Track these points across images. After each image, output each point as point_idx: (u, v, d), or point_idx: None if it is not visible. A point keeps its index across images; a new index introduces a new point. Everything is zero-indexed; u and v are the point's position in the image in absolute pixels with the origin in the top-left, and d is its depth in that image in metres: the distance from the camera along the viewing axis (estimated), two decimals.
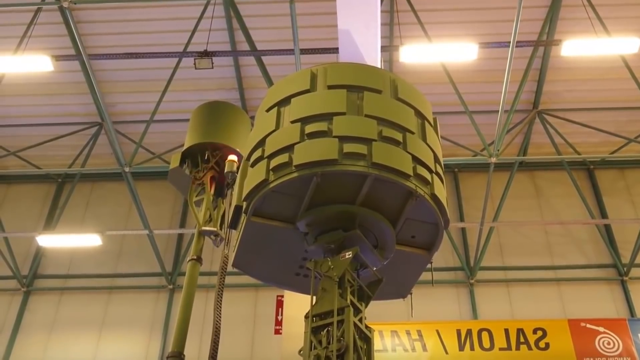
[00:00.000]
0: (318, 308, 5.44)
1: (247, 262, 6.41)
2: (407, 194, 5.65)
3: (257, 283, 16.26)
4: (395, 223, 5.85)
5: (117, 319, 17.48)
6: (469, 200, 18.79)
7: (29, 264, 18.48)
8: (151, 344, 17.00)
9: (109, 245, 18.06)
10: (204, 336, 15.32)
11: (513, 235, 18.22)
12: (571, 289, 17.20)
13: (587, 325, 15.44)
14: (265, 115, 6.25)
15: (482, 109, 17.01)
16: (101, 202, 19.65)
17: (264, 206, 5.81)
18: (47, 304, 17.96)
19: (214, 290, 6.92)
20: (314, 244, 5.81)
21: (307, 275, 6.15)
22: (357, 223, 5.71)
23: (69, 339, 17.17)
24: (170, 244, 18.78)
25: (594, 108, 17.92)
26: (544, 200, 18.86)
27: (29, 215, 19.45)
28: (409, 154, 5.70)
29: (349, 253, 5.55)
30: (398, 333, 15.37)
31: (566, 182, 18.36)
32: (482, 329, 15.54)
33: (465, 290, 17.39)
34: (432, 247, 6.23)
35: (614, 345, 15.08)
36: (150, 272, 18.20)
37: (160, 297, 17.87)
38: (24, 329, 17.56)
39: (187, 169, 8.43)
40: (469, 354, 15.13)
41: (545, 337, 15.29)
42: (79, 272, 18.40)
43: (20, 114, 18.40)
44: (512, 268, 17.68)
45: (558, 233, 18.20)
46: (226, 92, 17.47)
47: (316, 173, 5.44)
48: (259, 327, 17.01)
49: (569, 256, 17.83)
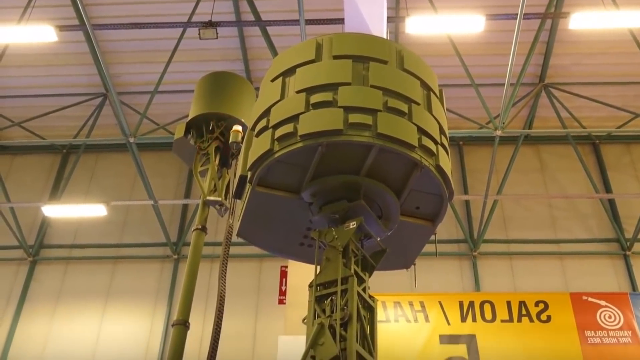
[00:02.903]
0: (322, 277, 5.47)
1: (252, 231, 6.43)
2: (412, 165, 5.65)
3: (261, 253, 16.41)
4: (400, 194, 5.86)
5: (122, 288, 17.63)
6: (473, 173, 18.79)
7: (35, 234, 18.60)
8: (156, 313, 17.15)
9: (114, 215, 18.16)
10: (209, 306, 15.47)
11: (517, 209, 18.24)
12: (574, 263, 17.26)
13: (589, 298, 15.53)
14: (270, 85, 6.23)
15: (488, 82, 16.96)
16: (106, 172, 19.71)
17: (268, 176, 5.82)
18: (53, 274, 18.10)
19: (218, 260, 6.96)
20: (319, 214, 5.83)
21: (311, 245, 6.18)
22: (362, 193, 5.71)
23: (75, 308, 17.33)
24: (175, 214, 18.87)
25: (601, 82, 17.84)
26: (548, 174, 18.84)
27: (34, 185, 19.52)
28: (414, 125, 5.68)
29: (353, 223, 5.56)
30: (401, 304, 15.48)
31: (571, 156, 18.33)
32: (484, 301, 15.64)
33: (468, 262, 17.47)
34: (436, 219, 6.24)
35: (615, 319, 15.17)
36: (155, 242, 18.31)
37: (165, 267, 17.99)
38: (31, 298, 17.71)
39: (191, 139, 8.44)
40: (471, 325, 15.25)
41: (547, 310, 15.40)
42: (84, 242, 18.52)
43: (24, 84, 18.39)
44: (515, 241, 17.74)
45: (562, 207, 18.22)
46: (230, 62, 17.43)
47: (321, 143, 5.43)
48: (263, 297, 17.14)
49: (572, 230, 17.86)
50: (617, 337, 14.94)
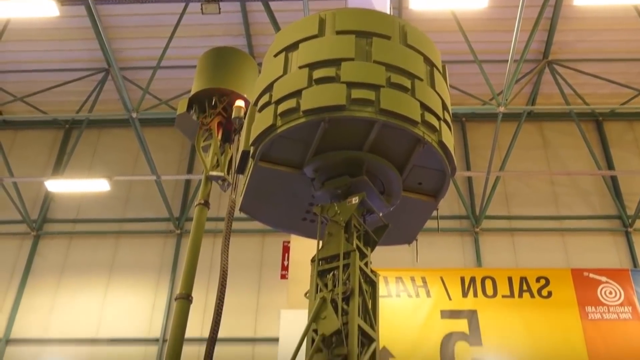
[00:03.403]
0: (324, 252, 5.51)
1: (254, 206, 6.46)
2: (415, 141, 5.65)
3: (264, 229, 16.50)
4: (402, 169, 5.87)
5: (125, 263, 17.74)
6: (476, 149, 18.79)
7: (38, 209, 18.67)
8: (159, 287, 17.28)
9: (117, 190, 18.21)
10: (211, 280, 15.56)
11: (519, 186, 18.27)
12: (575, 239, 17.31)
13: (590, 274, 15.60)
14: (272, 60, 6.22)
15: (492, 58, 16.89)
16: (109, 148, 19.74)
17: (271, 151, 5.83)
18: (56, 248, 18.21)
19: (221, 235, 6.99)
20: (321, 189, 5.85)
21: (314, 220, 6.21)
22: (364, 169, 5.73)
23: (79, 282, 17.45)
24: (178, 189, 18.92)
25: (605, 59, 17.77)
26: (551, 151, 18.84)
27: (37, 160, 19.57)
28: (417, 101, 5.68)
29: (356, 198, 5.58)
30: (402, 279, 15.57)
31: (574, 133, 18.30)
32: (485, 277, 15.72)
33: (470, 238, 17.53)
34: (438, 194, 6.26)
35: (615, 295, 15.26)
36: (157, 217, 18.38)
37: (168, 242, 18.08)
38: (35, 272, 17.83)
39: (194, 114, 8.43)
40: (472, 301, 15.34)
41: (548, 286, 15.48)
42: (87, 216, 18.60)
43: (26, 59, 18.35)
44: (517, 217, 17.79)
45: (564, 184, 18.24)
46: (233, 38, 17.36)
47: (324, 119, 5.44)
48: (265, 272, 17.24)
49: (574, 207, 17.90)
50: (618, 312, 15.02)
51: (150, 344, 16.52)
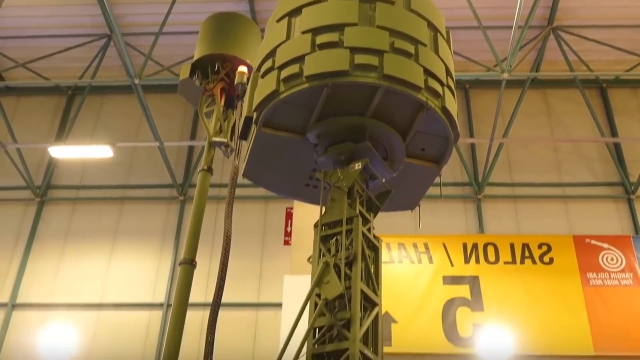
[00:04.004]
0: (327, 217, 5.54)
1: (257, 172, 6.48)
2: (418, 106, 5.65)
3: (267, 195, 16.55)
4: (405, 135, 5.87)
5: (129, 229, 17.82)
6: (479, 116, 18.73)
7: (42, 175, 18.71)
8: (163, 253, 17.37)
9: (120, 157, 18.22)
10: (215, 247, 15.62)
11: (522, 153, 18.24)
12: (578, 206, 17.33)
13: (592, 241, 15.67)
14: (275, 25, 6.19)
15: (496, 25, 16.73)
16: (111, 114, 19.70)
17: (274, 117, 5.84)
18: (61, 214, 18.28)
19: (224, 202, 7.02)
20: (324, 155, 5.86)
21: (317, 186, 6.23)
22: (367, 135, 5.73)
23: (83, 248, 17.55)
24: (181, 156, 18.92)
25: (610, 25, 17.61)
26: (554, 118, 18.77)
27: (40, 127, 19.55)
28: (420, 66, 5.66)
29: (359, 164, 5.60)
30: (405, 245, 15.65)
31: (578, 100, 18.21)
32: (487, 243, 15.80)
33: (472, 205, 17.55)
34: (441, 160, 6.28)
35: (617, 261, 15.34)
36: (161, 183, 18.41)
37: (172, 209, 18.14)
38: (39, 238, 17.92)
39: (197, 80, 8.41)
40: (474, 267, 15.44)
41: (549, 252, 15.56)
42: (91, 183, 18.65)
43: (28, 25, 18.23)
44: (520, 184, 17.78)
45: (567, 151, 18.21)
46: (235, 3, 17.20)
47: (327, 84, 5.43)
48: (268, 238, 17.31)
49: (577, 174, 17.89)
50: (619, 279, 15.12)
51: (155, 308, 16.67)
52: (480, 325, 14.72)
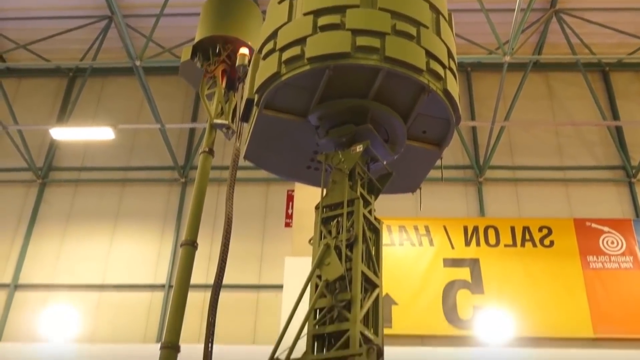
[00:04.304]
0: (328, 199, 5.55)
1: (259, 154, 6.49)
2: (420, 89, 5.64)
3: (268, 177, 16.57)
4: (407, 118, 5.87)
5: (131, 211, 17.85)
6: (481, 100, 18.69)
7: (44, 157, 18.72)
8: (164, 235, 17.41)
9: (121, 139, 18.20)
10: (216, 229, 15.67)
11: (523, 136, 18.22)
12: (579, 190, 17.33)
13: (592, 224, 15.72)
14: (277, 7, 6.17)
15: (498, 7, 16.64)
16: (113, 96, 19.67)
17: (275, 99, 5.83)
18: (62, 196, 18.31)
19: (225, 184, 7.02)
20: (325, 137, 5.86)
21: (318, 169, 6.23)
22: (369, 117, 5.73)
23: (85, 229, 17.59)
24: (182, 138, 18.92)
25: (613, 8, 17.50)
26: (556, 102, 18.74)
27: (42, 108, 19.53)
28: (422, 49, 5.65)
29: (360, 146, 5.60)
30: (406, 228, 15.70)
31: (580, 83, 18.16)
32: (488, 226, 15.86)
33: (473, 188, 17.56)
34: (442, 143, 6.28)
35: (617, 245, 15.39)
36: (162, 165, 18.43)
37: (173, 191, 18.16)
38: (41, 220, 17.96)
39: (198, 62, 8.40)
40: (475, 249, 15.50)
41: (550, 235, 15.61)
42: (93, 164, 18.66)
43: (28, 6, 18.14)
44: (521, 168, 17.78)
45: (569, 134, 18.19)
46: None
47: (328, 66, 5.42)
48: (269, 220, 17.34)
49: (578, 157, 17.88)
50: (619, 262, 15.18)
51: (156, 290, 16.74)
52: (481, 307, 14.80)
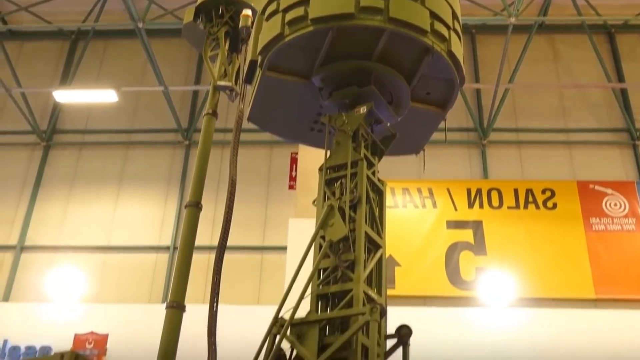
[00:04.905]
0: (332, 160, 5.57)
1: (262, 116, 6.51)
2: (424, 50, 5.62)
3: (272, 140, 16.55)
4: (411, 79, 5.86)
5: (135, 173, 17.89)
6: (485, 62, 18.56)
7: (47, 120, 18.71)
8: (169, 198, 17.48)
9: (125, 101, 18.16)
10: (220, 192, 15.60)
11: (528, 99, 18.13)
12: (582, 152, 17.31)
13: (596, 187, 15.74)
14: None
15: None
16: (115, 59, 19.58)
17: (279, 61, 5.82)
18: (67, 159, 18.34)
19: (229, 147, 7.01)
20: (329, 99, 5.86)
21: (322, 130, 6.23)
22: (372, 79, 5.72)
23: (90, 192, 17.65)
24: (186, 100, 18.88)
25: None
26: (561, 64, 18.62)
27: (44, 71, 19.47)
28: (426, 9, 5.61)
29: (363, 108, 5.60)
30: (409, 190, 15.73)
31: (585, 46, 18.01)
32: (491, 189, 15.88)
33: (477, 151, 17.54)
34: (446, 105, 6.28)
35: (620, 207, 15.42)
36: (166, 128, 18.42)
37: (177, 153, 18.18)
38: (46, 183, 18.01)
39: (201, 24, 8.32)
40: (478, 212, 15.55)
41: (553, 197, 15.64)
42: (96, 127, 18.66)
43: None
44: (525, 130, 17.73)
45: (573, 97, 18.10)
46: None
47: (332, 27, 5.40)
48: (273, 183, 17.38)
49: (582, 120, 17.82)
50: (622, 224, 15.23)
51: (161, 251, 16.86)
52: (483, 269, 14.91)
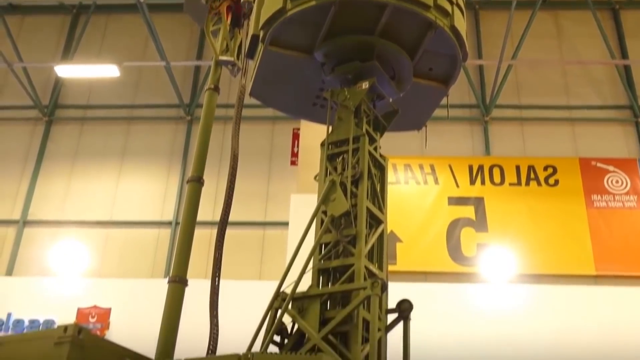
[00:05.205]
0: (334, 136, 5.58)
1: (264, 91, 6.50)
2: (427, 25, 5.60)
3: (274, 115, 16.54)
4: (413, 55, 5.84)
5: (137, 149, 17.89)
6: (488, 38, 18.45)
7: (49, 94, 18.68)
8: (171, 173, 17.49)
9: (126, 76, 18.08)
10: (222, 169, 15.59)
11: (531, 75, 18.05)
12: (585, 129, 17.26)
13: (598, 164, 15.72)
14: None
15: None
16: (117, 33, 19.49)
17: (281, 35, 5.80)
18: (69, 134, 18.33)
19: (231, 123, 7.01)
20: (331, 74, 5.85)
21: (324, 106, 6.22)
22: (375, 54, 5.70)
23: (92, 168, 17.67)
24: (187, 76, 18.82)
25: None
26: (564, 41, 18.50)
27: (46, 46, 19.39)
28: None
29: (366, 83, 5.59)
30: (411, 167, 15.73)
31: (589, 22, 17.87)
32: (493, 165, 15.88)
33: (479, 127, 17.50)
34: (449, 80, 6.27)
35: (622, 184, 15.42)
36: (168, 103, 18.38)
37: (179, 129, 18.16)
38: (48, 158, 18.02)
39: None
40: (479, 188, 15.56)
41: (555, 174, 15.64)
42: (98, 102, 18.63)
43: None
44: (528, 107, 17.67)
45: (576, 73, 18.02)
46: None
47: (334, 1, 5.37)
48: (275, 159, 17.38)
49: (585, 97, 17.75)
50: (623, 201, 15.24)
51: (164, 227, 16.91)
52: (484, 245, 14.94)
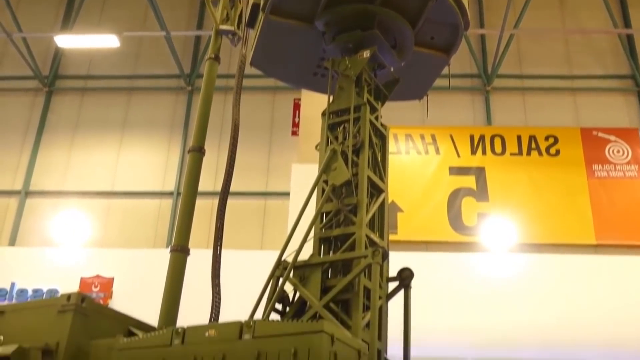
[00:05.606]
0: (335, 105, 5.57)
1: (265, 61, 6.48)
2: None
3: (275, 86, 16.49)
4: (415, 23, 5.81)
5: (138, 119, 17.85)
6: (490, 7, 18.29)
7: (49, 65, 18.60)
8: (172, 143, 17.47)
9: (126, 47, 17.98)
10: (223, 138, 15.58)
11: (533, 45, 17.94)
12: (586, 99, 17.20)
13: (599, 134, 15.71)
14: None
15: None
16: (117, 3, 19.34)
17: (281, 4, 5.77)
18: (69, 105, 18.28)
19: (231, 93, 7.00)
20: (332, 43, 5.83)
21: (325, 75, 6.22)
22: (376, 23, 5.68)
23: (93, 138, 17.65)
24: (188, 46, 18.71)
25: None
26: (567, 10, 18.36)
27: (45, 16, 19.25)
28: None
29: (367, 52, 5.57)
30: (412, 137, 15.73)
31: None
32: (495, 135, 15.87)
33: (480, 97, 17.44)
34: (450, 50, 6.25)
35: (623, 153, 15.43)
36: (168, 73, 18.31)
37: (180, 99, 18.11)
38: (49, 129, 17.99)
39: None
40: (480, 158, 15.58)
41: (556, 144, 15.65)
42: (98, 73, 18.55)
43: None
44: (529, 76, 17.59)
45: (579, 43, 17.90)
46: None
47: None
48: (276, 129, 17.36)
49: (587, 66, 17.66)
50: (624, 171, 15.25)
51: (165, 197, 16.94)
52: (485, 214, 15.00)
